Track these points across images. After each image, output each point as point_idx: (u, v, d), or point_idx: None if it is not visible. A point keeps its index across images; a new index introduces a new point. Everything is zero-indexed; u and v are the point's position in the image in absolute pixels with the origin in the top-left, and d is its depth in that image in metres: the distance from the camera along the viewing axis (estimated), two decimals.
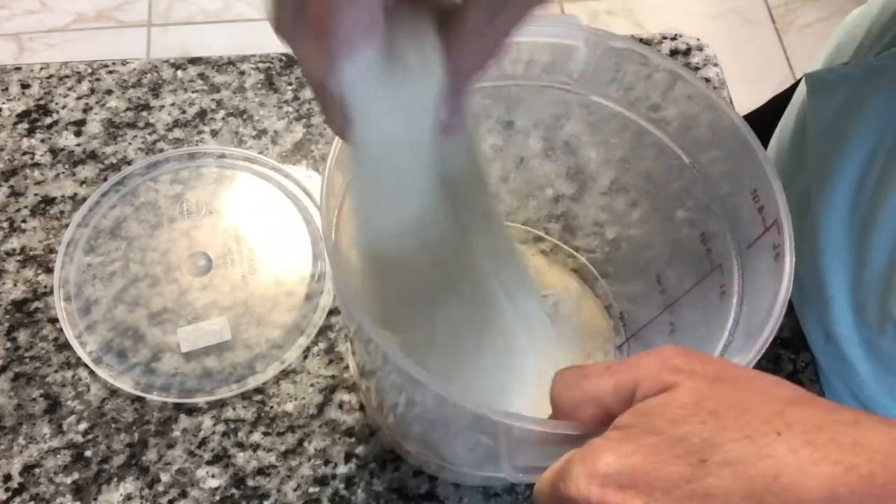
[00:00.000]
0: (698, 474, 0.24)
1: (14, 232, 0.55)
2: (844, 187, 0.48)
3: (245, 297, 0.53)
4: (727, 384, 0.26)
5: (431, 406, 0.33)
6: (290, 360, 0.52)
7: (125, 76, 0.62)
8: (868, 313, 0.49)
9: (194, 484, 0.48)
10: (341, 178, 0.41)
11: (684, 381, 0.26)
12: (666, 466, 0.25)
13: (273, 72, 0.63)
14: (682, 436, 0.25)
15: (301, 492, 0.48)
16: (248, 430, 0.50)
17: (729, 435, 0.25)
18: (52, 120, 0.59)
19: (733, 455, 0.24)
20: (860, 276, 0.49)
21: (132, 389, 0.50)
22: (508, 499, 0.48)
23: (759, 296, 0.38)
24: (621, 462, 0.25)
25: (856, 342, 0.51)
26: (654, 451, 0.25)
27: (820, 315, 0.53)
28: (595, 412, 0.29)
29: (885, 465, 0.23)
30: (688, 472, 0.24)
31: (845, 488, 0.23)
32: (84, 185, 0.57)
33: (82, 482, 0.48)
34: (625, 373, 0.28)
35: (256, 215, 0.56)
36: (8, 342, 0.52)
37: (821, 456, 0.24)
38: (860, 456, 0.23)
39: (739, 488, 0.24)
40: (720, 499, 0.24)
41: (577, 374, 0.29)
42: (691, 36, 0.66)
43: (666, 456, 0.25)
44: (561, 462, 0.28)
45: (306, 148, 0.60)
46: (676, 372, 0.27)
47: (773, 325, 0.35)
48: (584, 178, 0.51)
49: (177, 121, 0.60)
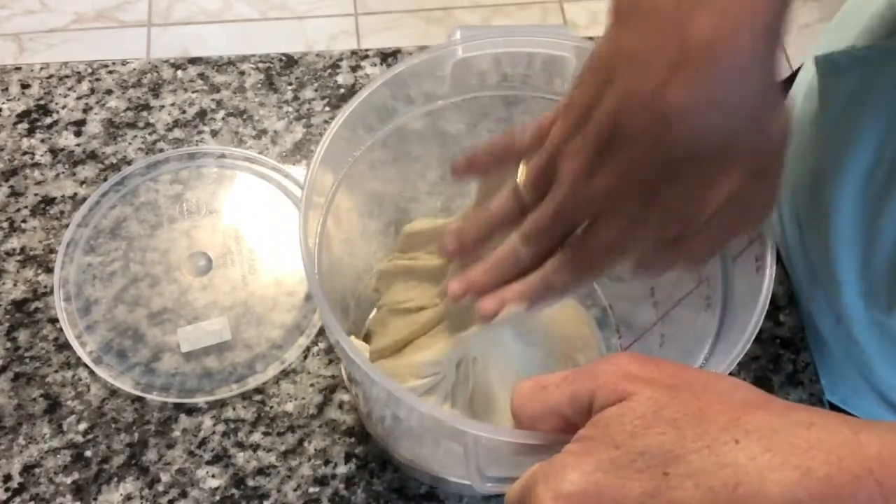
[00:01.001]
0: (662, 488, 0.24)
1: (14, 232, 0.55)
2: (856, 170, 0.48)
3: (245, 297, 0.53)
4: (684, 391, 0.26)
5: (405, 416, 0.34)
6: (290, 360, 0.52)
7: (125, 76, 0.62)
8: (878, 295, 0.49)
9: (194, 484, 0.48)
10: (331, 177, 0.41)
11: (641, 390, 0.26)
12: (629, 482, 0.25)
13: (273, 72, 0.63)
14: (642, 449, 0.25)
15: (301, 492, 0.48)
16: (248, 430, 0.50)
17: (689, 445, 0.25)
18: (52, 120, 0.59)
19: (694, 466, 0.24)
20: (870, 259, 0.49)
21: (132, 389, 0.50)
22: None
23: (740, 308, 0.38)
24: (585, 480, 0.25)
25: (865, 324, 0.51)
26: (616, 467, 0.25)
27: (830, 297, 0.53)
28: (555, 423, 0.29)
29: (840, 467, 0.23)
30: (650, 486, 0.25)
31: (804, 492, 0.23)
32: (84, 185, 0.57)
33: (82, 482, 0.48)
34: (580, 382, 0.28)
35: (256, 215, 0.56)
36: (8, 342, 0.51)
37: (780, 462, 0.24)
38: (816, 458, 0.24)
39: (702, 499, 0.24)
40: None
41: (535, 386, 0.30)
42: None
43: (628, 471, 0.25)
44: (525, 478, 0.27)
45: (306, 148, 0.60)
46: (632, 380, 0.27)
47: (747, 337, 0.36)
48: None
49: (177, 121, 0.60)
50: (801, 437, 0.24)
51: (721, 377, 0.28)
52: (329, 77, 0.62)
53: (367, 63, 0.63)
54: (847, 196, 0.49)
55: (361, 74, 0.63)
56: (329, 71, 0.63)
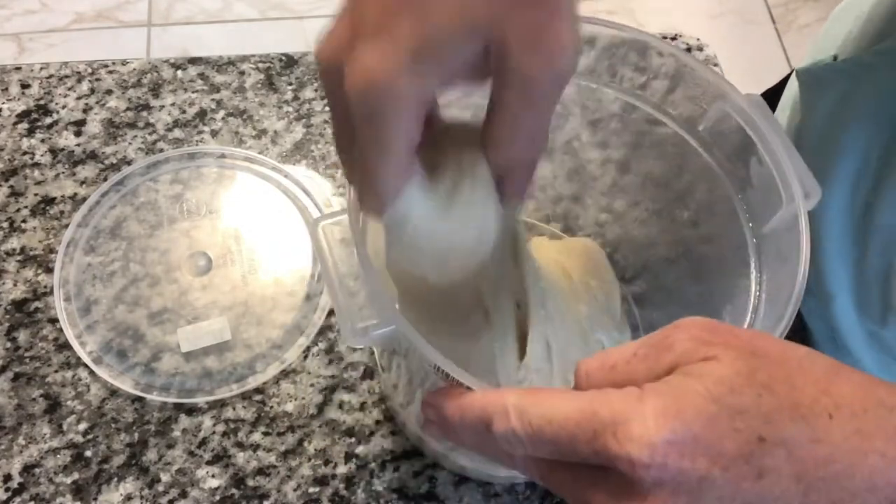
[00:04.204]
0: (756, 453, 0.24)
1: (14, 232, 0.55)
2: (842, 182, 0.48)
3: (245, 297, 0.53)
4: (766, 358, 0.26)
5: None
6: (290, 360, 0.52)
7: (125, 76, 0.62)
8: (870, 306, 0.49)
9: (194, 484, 0.48)
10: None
11: (724, 353, 0.26)
12: (726, 441, 0.24)
13: (273, 72, 0.63)
14: (740, 408, 0.25)
15: (301, 492, 0.48)
16: (248, 430, 0.50)
17: (784, 413, 0.25)
18: (52, 120, 0.59)
19: (789, 435, 0.24)
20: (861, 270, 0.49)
21: (132, 389, 0.50)
22: (508, 499, 0.48)
23: (773, 292, 0.38)
24: (684, 429, 0.24)
25: (859, 335, 0.51)
26: (715, 422, 0.24)
27: (823, 308, 0.53)
28: None
29: None
30: (746, 449, 0.24)
31: (883, 480, 0.24)
32: (84, 185, 0.57)
33: (82, 482, 0.48)
34: (655, 356, 0.27)
35: (256, 215, 0.56)
36: (8, 342, 0.51)
37: (869, 446, 0.24)
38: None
39: (791, 471, 0.24)
40: (772, 479, 0.24)
41: (602, 367, 0.28)
42: (691, 36, 0.66)
43: (727, 429, 0.24)
44: (600, 402, 0.26)
45: (306, 148, 0.60)
46: (712, 345, 0.26)
47: (793, 308, 0.34)
48: (585, 179, 0.51)
49: (177, 121, 0.60)
50: (888, 421, 0.25)
51: (794, 345, 0.27)
52: None
53: None
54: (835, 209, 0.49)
55: None
56: None
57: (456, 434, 0.31)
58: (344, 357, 0.52)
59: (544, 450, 0.27)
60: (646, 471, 0.24)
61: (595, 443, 0.25)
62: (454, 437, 0.31)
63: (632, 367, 0.27)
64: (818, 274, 0.51)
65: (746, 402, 0.25)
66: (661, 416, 0.25)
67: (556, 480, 0.28)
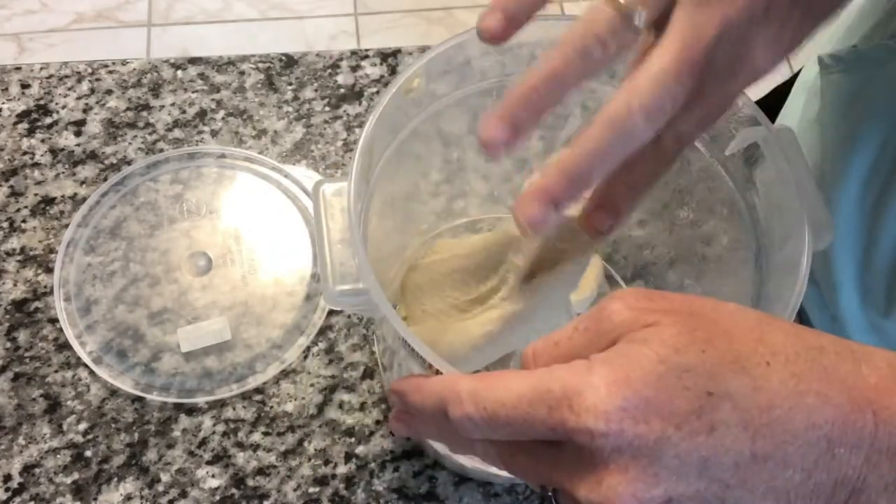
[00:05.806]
0: (706, 408, 0.25)
1: (14, 232, 0.55)
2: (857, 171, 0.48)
3: (245, 297, 0.53)
4: (703, 317, 0.27)
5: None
6: (290, 360, 0.52)
7: (125, 76, 0.62)
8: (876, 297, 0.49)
9: (194, 484, 0.48)
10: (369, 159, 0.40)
11: (663, 318, 0.26)
12: (677, 399, 0.25)
13: (273, 72, 0.63)
14: (686, 366, 0.25)
15: (301, 492, 0.48)
16: (248, 430, 0.50)
17: (726, 366, 0.25)
18: (52, 120, 0.59)
19: (732, 387, 0.25)
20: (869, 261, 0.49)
21: (132, 389, 0.50)
22: (508, 499, 0.48)
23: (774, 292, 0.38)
24: (635, 394, 0.25)
25: (862, 325, 0.51)
26: (664, 382, 0.25)
27: (826, 297, 0.53)
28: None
29: (849, 396, 0.25)
30: (696, 405, 0.25)
31: (822, 418, 0.25)
32: (84, 185, 0.57)
33: (82, 482, 0.48)
34: (596, 327, 0.27)
35: (256, 215, 0.56)
36: (8, 342, 0.51)
37: (805, 387, 0.25)
38: (832, 387, 0.25)
39: (738, 421, 0.25)
40: (722, 431, 0.25)
41: (546, 345, 0.29)
42: None
43: (676, 388, 0.25)
44: (550, 378, 0.26)
45: (306, 148, 0.60)
46: (651, 312, 0.27)
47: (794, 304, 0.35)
48: None
49: (177, 121, 0.60)
50: (818, 363, 0.26)
51: (721, 302, 0.28)
52: (329, 77, 0.62)
53: (367, 63, 0.63)
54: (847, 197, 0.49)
55: (361, 74, 0.63)
56: (329, 71, 0.63)
57: (419, 425, 0.32)
58: (344, 357, 0.52)
59: (502, 432, 0.27)
60: (604, 439, 0.25)
61: (551, 418, 0.26)
62: (417, 428, 0.32)
63: (574, 342, 0.28)
64: (825, 262, 0.51)
65: (691, 359, 0.25)
66: (612, 384, 0.25)
67: (517, 464, 0.29)
